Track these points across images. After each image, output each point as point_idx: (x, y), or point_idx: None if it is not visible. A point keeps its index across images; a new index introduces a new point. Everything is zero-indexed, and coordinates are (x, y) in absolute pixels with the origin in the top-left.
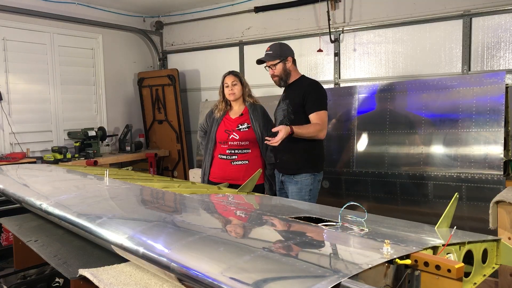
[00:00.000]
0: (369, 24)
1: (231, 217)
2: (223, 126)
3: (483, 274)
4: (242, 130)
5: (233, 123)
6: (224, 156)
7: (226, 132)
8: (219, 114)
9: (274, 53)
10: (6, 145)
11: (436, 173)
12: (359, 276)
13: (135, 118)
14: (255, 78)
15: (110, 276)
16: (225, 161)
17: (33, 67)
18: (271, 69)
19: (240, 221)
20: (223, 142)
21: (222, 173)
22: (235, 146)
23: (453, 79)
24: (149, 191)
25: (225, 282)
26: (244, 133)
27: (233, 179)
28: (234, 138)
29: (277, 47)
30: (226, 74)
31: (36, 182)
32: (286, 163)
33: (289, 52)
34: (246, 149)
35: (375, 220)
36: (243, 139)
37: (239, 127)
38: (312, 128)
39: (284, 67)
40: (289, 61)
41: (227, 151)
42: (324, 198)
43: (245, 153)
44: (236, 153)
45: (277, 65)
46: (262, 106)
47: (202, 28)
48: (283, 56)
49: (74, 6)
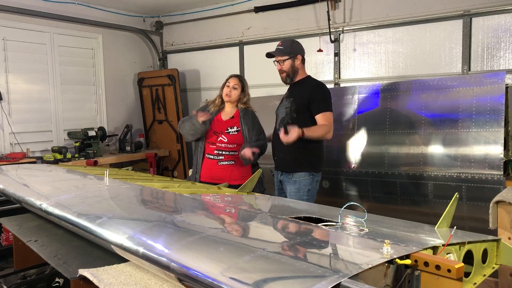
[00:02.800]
0: (369, 24)
1: (231, 217)
2: (213, 127)
3: (483, 274)
4: (231, 133)
5: (222, 126)
6: (211, 156)
7: (215, 134)
8: (213, 109)
9: (285, 48)
10: (6, 145)
11: (436, 173)
12: (359, 276)
13: (135, 118)
14: (255, 78)
15: (110, 276)
16: (212, 161)
17: (33, 67)
18: (279, 64)
19: (240, 221)
20: (211, 143)
21: (209, 172)
22: (222, 148)
23: (453, 79)
24: (149, 191)
25: (225, 282)
26: (232, 137)
27: (219, 179)
28: (222, 141)
29: (288, 43)
30: (233, 75)
31: (36, 182)
32: (284, 161)
33: (300, 50)
34: (233, 151)
35: (375, 220)
36: (231, 142)
37: (228, 130)
38: (320, 130)
39: (293, 64)
40: (298, 59)
41: (214, 151)
42: (324, 198)
43: (232, 155)
44: (223, 154)
45: (286, 61)
46: (254, 112)
47: (202, 28)
48: (293, 53)
49: (74, 6)
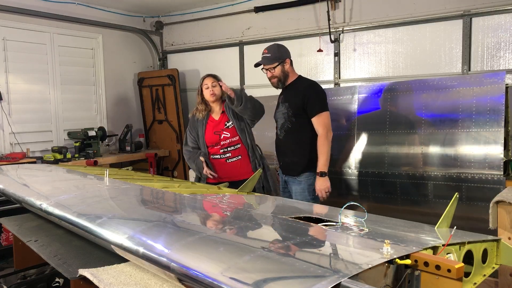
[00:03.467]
0: (369, 24)
1: (231, 217)
2: (210, 128)
3: (483, 274)
4: (230, 127)
5: (219, 123)
6: (218, 155)
7: (216, 133)
8: (201, 115)
9: (272, 55)
10: (6, 145)
11: (436, 173)
12: (359, 276)
13: (135, 118)
14: (255, 78)
15: (110, 276)
16: (220, 161)
17: (33, 67)
18: (269, 72)
19: (240, 221)
20: (215, 144)
21: (219, 172)
22: (227, 144)
23: (453, 79)
24: (149, 191)
25: (225, 282)
26: (232, 129)
27: (229, 177)
28: (226, 137)
29: (275, 49)
30: (205, 76)
31: (36, 182)
32: (289, 165)
33: (286, 53)
34: (237, 144)
35: (375, 220)
36: (234, 134)
37: (226, 124)
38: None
39: (283, 69)
40: (287, 63)
41: (220, 150)
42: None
43: (237, 149)
44: (229, 151)
45: (276, 68)
46: None
47: (202, 28)
48: (281, 59)
49: (74, 6)
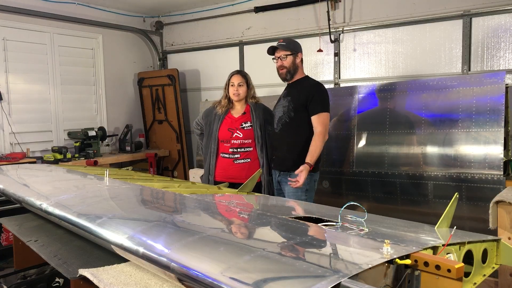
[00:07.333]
0: (369, 24)
1: (231, 217)
2: (226, 125)
3: (483, 274)
4: (246, 128)
5: (236, 122)
6: (226, 155)
7: (229, 130)
8: (221, 110)
9: (287, 44)
10: (6, 145)
11: (436, 173)
12: (359, 276)
13: (135, 118)
14: (255, 78)
15: (110, 276)
16: (228, 160)
17: (33, 67)
18: (280, 60)
19: (240, 221)
20: (225, 141)
21: (225, 172)
22: (237, 145)
23: (453, 79)
24: (149, 191)
25: (225, 282)
26: (247, 132)
27: (235, 178)
28: (238, 137)
29: (290, 41)
30: (234, 72)
31: (36, 182)
32: (282, 160)
33: (300, 49)
34: (248, 148)
35: (375, 220)
36: (247, 137)
37: (243, 125)
38: (318, 146)
39: (294, 61)
40: (299, 57)
41: (230, 149)
42: (324, 198)
43: (247, 152)
44: (238, 152)
45: (288, 57)
46: (263, 104)
47: (202, 28)
48: (295, 51)
49: (74, 6)
